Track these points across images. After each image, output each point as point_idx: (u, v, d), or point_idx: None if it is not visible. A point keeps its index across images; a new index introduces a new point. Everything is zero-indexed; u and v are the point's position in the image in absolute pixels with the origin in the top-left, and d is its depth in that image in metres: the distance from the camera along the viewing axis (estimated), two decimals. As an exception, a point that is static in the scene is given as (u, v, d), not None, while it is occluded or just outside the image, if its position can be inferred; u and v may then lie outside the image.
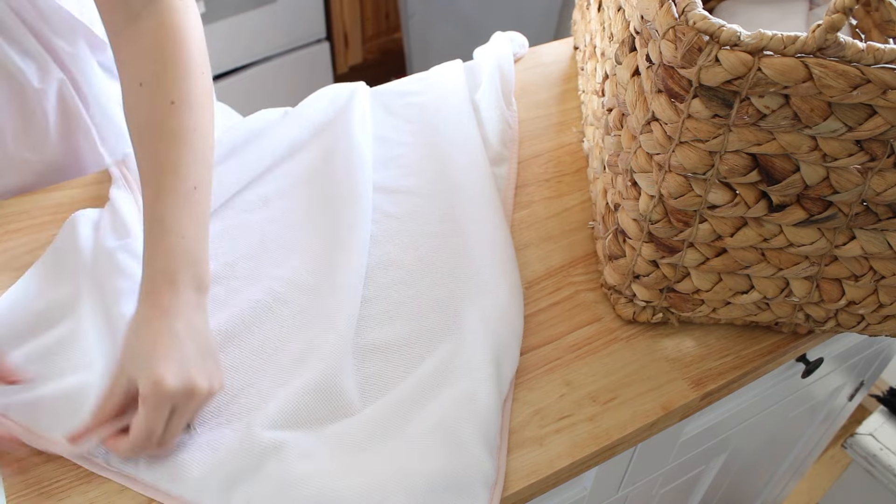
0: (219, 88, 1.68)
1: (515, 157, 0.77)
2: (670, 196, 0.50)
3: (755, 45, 0.41)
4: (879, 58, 0.40)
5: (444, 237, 0.66)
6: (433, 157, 0.73)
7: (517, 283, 0.62)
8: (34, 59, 0.66)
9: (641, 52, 0.51)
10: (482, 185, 0.69)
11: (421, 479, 0.48)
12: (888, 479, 1.04)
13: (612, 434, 0.54)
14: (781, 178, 0.47)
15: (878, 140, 0.44)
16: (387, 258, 0.64)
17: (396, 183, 0.71)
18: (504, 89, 0.83)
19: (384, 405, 0.54)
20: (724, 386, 0.58)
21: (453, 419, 0.51)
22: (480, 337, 0.56)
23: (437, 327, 0.59)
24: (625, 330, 0.61)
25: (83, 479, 0.50)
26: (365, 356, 0.57)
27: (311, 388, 0.53)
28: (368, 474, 0.49)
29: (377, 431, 0.52)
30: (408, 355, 0.57)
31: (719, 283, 0.55)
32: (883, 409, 1.09)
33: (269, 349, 0.57)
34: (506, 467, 0.52)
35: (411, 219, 0.68)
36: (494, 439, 0.52)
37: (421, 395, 0.54)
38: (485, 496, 0.49)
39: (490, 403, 0.52)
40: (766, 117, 0.43)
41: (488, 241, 0.64)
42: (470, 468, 0.49)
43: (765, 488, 1.17)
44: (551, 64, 0.90)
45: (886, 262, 0.52)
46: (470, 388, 0.53)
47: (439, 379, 0.55)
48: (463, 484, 0.49)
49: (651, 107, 0.48)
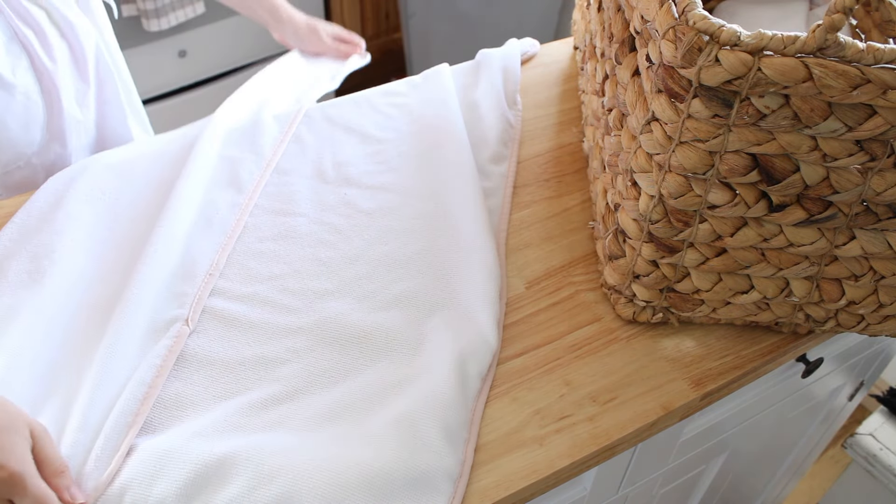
0: (219, 89, 1.68)
1: (515, 155, 0.77)
2: (670, 196, 0.50)
3: (755, 45, 0.41)
4: (879, 58, 0.40)
5: (413, 234, 0.66)
6: (412, 155, 0.74)
7: (491, 288, 0.61)
8: (77, 16, 0.71)
9: (641, 52, 0.51)
10: (463, 185, 0.69)
11: (381, 475, 0.48)
12: (888, 479, 1.04)
13: (612, 434, 0.54)
14: (781, 178, 0.47)
15: (878, 140, 0.44)
16: (353, 253, 0.65)
17: (372, 179, 0.72)
18: (507, 88, 0.83)
19: (337, 396, 0.54)
20: (724, 386, 0.58)
21: (413, 414, 0.51)
22: (443, 335, 0.56)
23: (398, 324, 0.59)
24: (625, 330, 0.61)
25: (83, 479, 0.50)
26: (323, 347, 0.57)
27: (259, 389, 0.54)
28: (327, 472, 0.48)
29: (334, 423, 0.52)
30: (367, 349, 0.57)
31: (719, 283, 0.55)
32: (883, 409, 1.09)
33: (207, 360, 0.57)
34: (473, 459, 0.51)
35: (383, 215, 0.68)
36: (458, 433, 0.51)
37: (381, 391, 0.54)
38: (447, 489, 0.49)
39: (452, 398, 0.52)
40: (766, 117, 0.43)
41: (463, 242, 0.64)
42: (431, 462, 0.49)
43: (765, 488, 1.17)
44: (551, 64, 0.91)
45: (886, 262, 0.52)
46: (430, 383, 0.53)
47: (399, 376, 0.55)
48: (425, 478, 0.48)
49: (651, 107, 0.48)
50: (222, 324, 0.59)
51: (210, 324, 0.59)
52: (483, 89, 0.81)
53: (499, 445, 0.52)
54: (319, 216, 0.68)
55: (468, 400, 0.54)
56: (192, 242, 0.63)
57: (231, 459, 0.48)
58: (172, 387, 0.54)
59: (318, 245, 0.65)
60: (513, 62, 0.86)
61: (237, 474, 0.48)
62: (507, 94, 0.82)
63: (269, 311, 0.60)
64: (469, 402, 0.54)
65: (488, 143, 0.76)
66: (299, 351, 0.57)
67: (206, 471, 0.48)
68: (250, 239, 0.66)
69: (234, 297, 0.61)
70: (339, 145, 0.76)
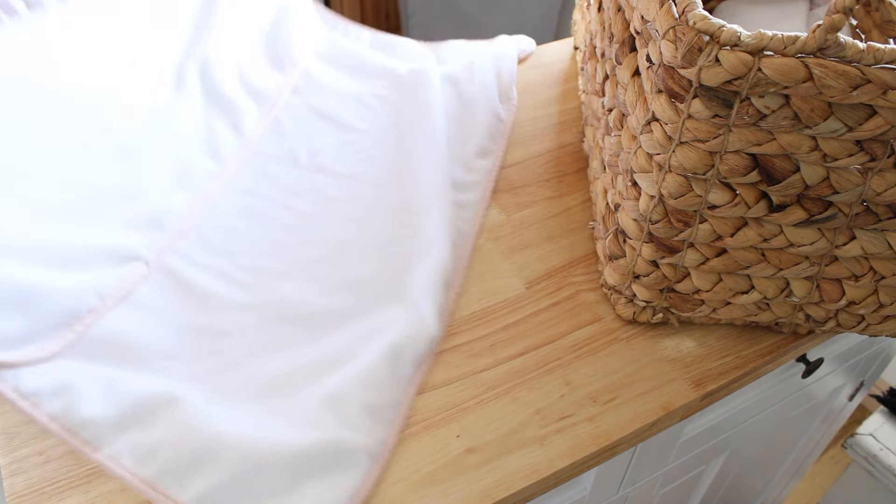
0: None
1: (502, 150, 0.77)
2: (670, 196, 0.50)
3: (755, 46, 0.41)
4: (880, 58, 0.40)
5: (374, 223, 0.67)
6: (387, 147, 0.75)
7: (437, 278, 0.62)
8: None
9: (641, 52, 0.51)
10: (430, 179, 0.70)
11: (299, 452, 0.48)
12: (888, 479, 1.04)
13: (612, 434, 0.54)
14: (781, 178, 0.47)
15: (878, 140, 0.44)
16: (312, 237, 0.66)
17: (344, 168, 0.73)
18: (501, 83, 0.83)
19: (272, 372, 0.55)
20: (725, 386, 0.58)
21: (340, 392, 0.52)
22: (385, 320, 0.57)
23: (345, 307, 0.60)
24: (625, 330, 0.61)
25: (83, 480, 0.50)
26: (268, 324, 0.58)
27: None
28: (245, 444, 0.49)
29: (264, 398, 0.53)
30: (310, 329, 0.58)
31: (719, 284, 0.55)
32: (883, 409, 1.10)
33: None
34: (393, 442, 0.52)
35: (347, 202, 0.70)
36: (384, 413, 0.52)
37: (315, 370, 0.55)
38: (365, 465, 0.49)
39: (380, 378, 0.53)
40: (766, 117, 0.43)
41: (421, 234, 0.65)
42: (352, 439, 0.50)
43: (765, 488, 1.17)
44: (551, 64, 0.91)
45: (886, 262, 0.52)
46: (362, 363, 0.54)
47: (335, 356, 0.56)
48: (343, 454, 0.49)
49: (651, 107, 0.48)
50: (176, 285, 0.60)
51: (164, 280, 0.61)
52: (475, 83, 0.82)
53: (499, 445, 0.52)
54: (286, 200, 0.70)
55: (399, 383, 0.54)
56: (170, 186, 0.66)
57: (161, 400, 0.50)
58: (114, 324, 0.56)
59: (280, 228, 0.67)
60: (508, 58, 0.86)
61: (166, 421, 0.49)
62: (499, 89, 0.83)
63: (222, 283, 0.61)
64: (401, 385, 0.54)
65: (475, 136, 0.77)
66: (244, 325, 0.58)
67: (135, 401, 0.50)
68: (217, 212, 0.68)
69: (191, 262, 0.63)
70: (317, 132, 0.78)
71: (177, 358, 0.55)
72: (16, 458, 0.51)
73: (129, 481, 0.47)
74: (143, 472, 0.48)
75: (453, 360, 0.58)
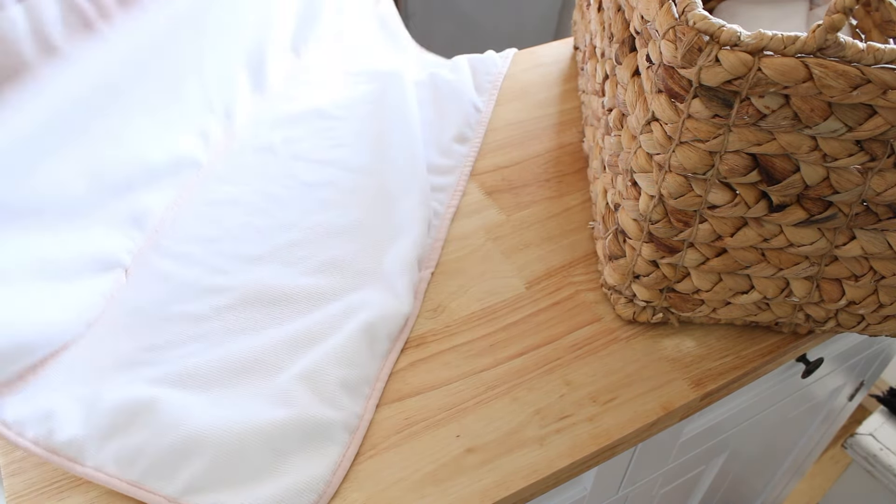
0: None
1: (480, 138, 0.79)
2: (670, 196, 0.50)
3: (755, 45, 0.41)
4: (879, 58, 0.40)
5: (350, 206, 0.68)
6: (363, 134, 0.77)
7: (412, 256, 0.63)
8: None
9: (641, 52, 0.51)
10: (405, 164, 0.71)
11: (280, 431, 0.49)
12: (888, 479, 1.04)
13: (612, 434, 0.54)
14: (781, 178, 0.47)
15: (878, 140, 0.44)
16: (288, 221, 0.67)
17: (321, 154, 0.75)
18: (476, 77, 0.87)
19: (250, 352, 0.55)
20: (724, 386, 0.58)
21: (316, 368, 0.53)
22: (361, 300, 0.58)
23: (321, 289, 0.61)
24: (625, 330, 0.61)
25: (83, 479, 0.50)
26: (246, 306, 0.59)
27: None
28: (228, 426, 0.49)
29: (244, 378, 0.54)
30: (288, 310, 0.59)
31: (719, 283, 0.55)
32: (883, 409, 1.10)
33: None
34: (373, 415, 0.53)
35: (323, 187, 0.71)
36: (359, 388, 0.54)
37: (293, 348, 0.56)
38: (343, 439, 0.51)
39: (355, 353, 0.54)
40: (766, 117, 0.43)
41: (396, 216, 0.66)
42: (328, 414, 0.51)
43: (765, 488, 1.17)
44: (551, 64, 0.91)
45: (886, 262, 0.52)
46: (337, 340, 0.55)
47: (312, 335, 0.57)
48: (321, 429, 0.50)
49: (651, 107, 0.48)
50: (152, 276, 0.61)
51: (142, 274, 0.61)
52: (451, 75, 0.85)
53: (499, 445, 0.52)
54: (262, 186, 0.71)
55: (375, 358, 0.56)
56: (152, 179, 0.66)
57: (139, 406, 0.50)
58: (95, 329, 0.56)
59: (257, 213, 0.68)
60: (485, 59, 0.90)
61: (144, 424, 0.49)
62: (475, 81, 0.86)
63: (199, 271, 0.62)
64: (376, 360, 0.56)
65: (453, 124, 0.79)
66: (221, 309, 0.59)
67: (114, 413, 0.50)
68: (195, 201, 0.69)
69: (168, 254, 0.63)
70: (295, 121, 0.79)
71: (157, 348, 0.56)
72: (16, 458, 0.51)
73: (115, 486, 0.48)
74: (129, 475, 0.48)
75: (453, 360, 0.58)
